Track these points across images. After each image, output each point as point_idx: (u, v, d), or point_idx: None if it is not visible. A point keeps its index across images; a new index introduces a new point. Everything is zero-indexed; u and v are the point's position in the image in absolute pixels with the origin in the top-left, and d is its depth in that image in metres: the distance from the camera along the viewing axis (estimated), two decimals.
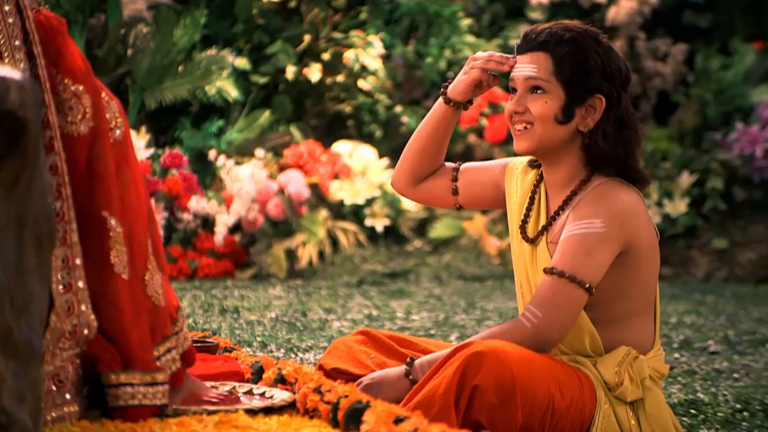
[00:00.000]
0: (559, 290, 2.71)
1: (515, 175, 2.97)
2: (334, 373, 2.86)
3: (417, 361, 2.79)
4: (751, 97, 8.54)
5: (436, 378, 2.63)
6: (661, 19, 8.94)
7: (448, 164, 3.05)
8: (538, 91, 2.78)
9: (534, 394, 2.63)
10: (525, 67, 2.80)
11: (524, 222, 2.91)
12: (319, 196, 7.87)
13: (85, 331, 2.45)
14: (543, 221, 2.87)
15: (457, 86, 2.92)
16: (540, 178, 2.92)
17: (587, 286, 2.71)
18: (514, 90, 2.84)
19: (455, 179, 3.01)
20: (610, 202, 2.75)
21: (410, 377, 2.77)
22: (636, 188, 2.83)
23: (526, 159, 2.98)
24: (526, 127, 2.81)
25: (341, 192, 7.92)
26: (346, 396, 2.49)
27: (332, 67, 8.46)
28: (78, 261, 2.46)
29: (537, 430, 2.66)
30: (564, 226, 2.79)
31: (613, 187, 2.79)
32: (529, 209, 2.91)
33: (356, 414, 2.41)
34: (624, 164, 2.82)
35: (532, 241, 2.87)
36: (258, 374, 2.89)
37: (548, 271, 2.73)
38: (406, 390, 2.73)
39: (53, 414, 2.41)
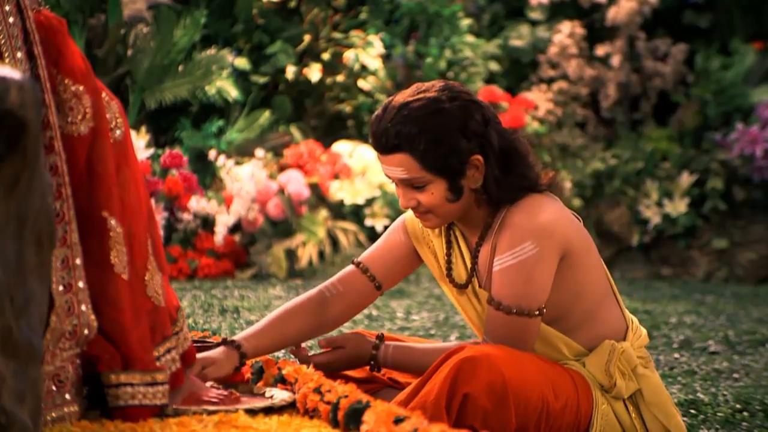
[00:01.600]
0: (512, 326, 2.73)
1: (418, 227, 2.94)
2: (331, 376, 2.86)
3: (386, 345, 2.84)
4: (751, 97, 8.54)
5: (428, 384, 2.63)
6: (661, 19, 8.94)
7: (348, 270, 2.96)
8: (419, 187, 2.75)
9: (527, 397, 2.63)
10: (394, 171, 2.74)
11: (449, 270, 2.90)
12: (319, 196, 7.87)
13: (86, 332, 2.45)
14: (468, 263, 2.86)
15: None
16: (450, 223, 2.90)
17: (536, 312, 2.72)
18: (394, 181, 2.80)
19: (372, 278, 2.95)
20: (530, 221, 2.72)
21: (372, 362, 2.86)
22: (550, 196, 2.80)
23: None
24: (428, 213, 2.79)
25: (341, 192, 7.92)
26: (346, 396, 2.49)
27: (332, 67, 8.46)
28: (78, 261, 2.46)
29: None
30: (487, 259, 2.79)
31: (524, 206, 2.75)
32: (449, 255, 2.90)
33: (356, 414, 2.41)
34: (527, 187, 2.77)
35: (465, 287, 2.87)
36: (258, 374, 2.89)
37: (494, 306, 2.73)
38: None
39: (53, 414, 2.41)
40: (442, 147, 2.70)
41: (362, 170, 8.05)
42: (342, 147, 8.19)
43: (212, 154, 7.77)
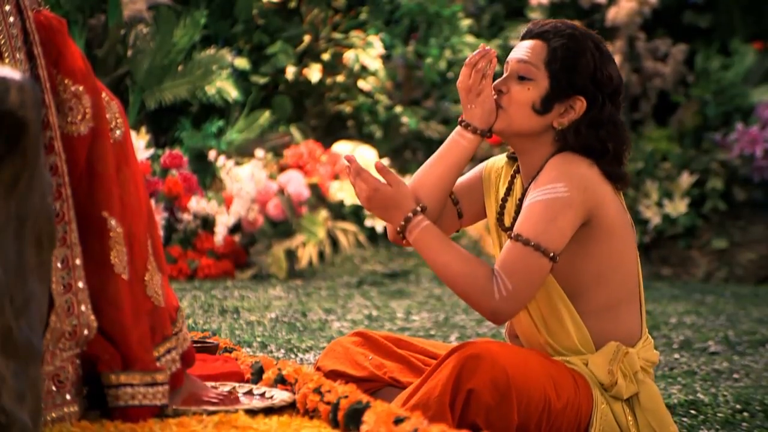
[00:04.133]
0: (523, 259, 2.68)
1: (493, 175, 2.96)
2: (331, 375, 2.86)
3: (420, 220, 2.77)
4: (751, 97, 8.54)
5: (431, 380, 2.63)
6: (661, 19, 8.94)
7: None
8: (525, 78, 2.79)
9: (530, 395, 2.63)
10: (520, 51, 2.81)
11: (501, 213, 2.91)
12: (319, 197, 7.87)
13: (85, 332, 2.45)
14: (516, 205, 2.87)
15: (476, 113, 2.85)
16: (517, 170, 2.92)
17: (551, 254, 2.69)
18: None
19: (456, 202, 2.97)
20: (570, 168, 2.73)
21: (402, 223, 2.77)
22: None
23: (501, 158, 2.98)
24: (504, 111, 2.80)
25: (341, 192, 7.92)
26: (346, 396, 2.49)
27: (332, 67, 8.46)
28: (78, 261, 2.46)
29: (533, 431, 2.66)
30: None
31: (574, 156, 2.77)
32: (504, 200, 2.91)
33: (356, 414, 2.42)
34: (599, 157, 2.78)
35: (509, 229, 2.87)
36: (258, 374, 2.89)
37: (514, 237, 2.71)
38: None
39: (53, 414, 2.41)
40: (572, 60, 2.76)
41: None
42: (342, 147, 8.20)
43: (212, 154, 7.77)
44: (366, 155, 8.13)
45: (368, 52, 8.40)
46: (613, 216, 2.76)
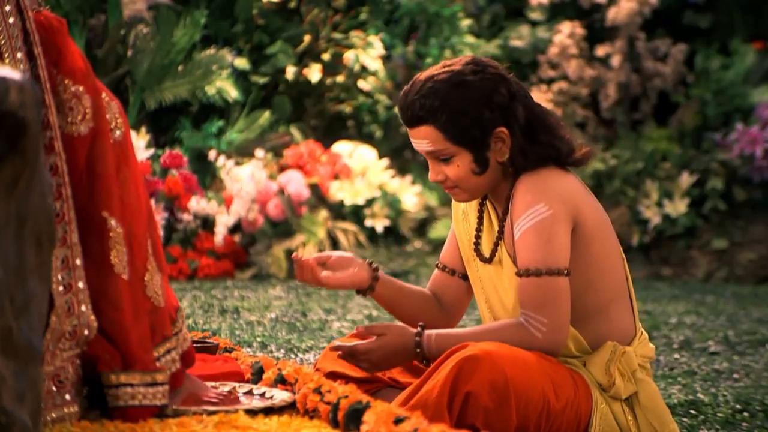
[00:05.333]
0: (543, 289, 2.70)
1: (460, 207, 2.96)
2: (330, 377, 2.86)
3: (429, 333, 2.77)
4: (751, 97, 8.54)
5: (429, 382, 2.63)
6: (661, 19, 8.94)
7: (436, 274, 3.03)
8: (445, 159, 2.79)
9: (529, 396, 2.63)
10: (420, 143, 2.79)
11: (477, 243, 2.90)
12: (319, 197, 7.87)
13: (86, 332, 2.45)
14: (495, 235, 2.87)
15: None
16: (484, 197, 2.92)
17: (565, 271, 2.71)
18: (423, 155, 2.85)
19: (453, 272, 3.00)
20: (542, 185, 2.74)
21: (418, 350, 2.77)
22: (569, 171, 2.82)
23: None
24: (455, 188, 2.82)
25: (341, 192, 7.92)
26: (346, 396, 2.49)
27: (332, 67, 8.46)
28: (78, 261, 2.46)
29: None
30: (511, 230, 2.79)
31: (538, 173, 2.77)
32: (479, 230, 2.91)
33: (356, 414, 2.41)
34: (557, 158, 2.79)
35: (490, 259, 2.87)
36: (258, 374, 2.89)
37: (524, 274, 2.72)
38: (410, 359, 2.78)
39: (53, 414, 2.41)
40: (464, 118, 2.74)
41: (362, 170, 8.05)
42: (342, 147, 8.20)
43: (212, 154, 7.77)
44: (366, 155, 8.13)
45: (368, 52, 8.40)
46: (593, 218, 2.77)
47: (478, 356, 2.60)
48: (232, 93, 7.93)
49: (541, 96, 8.69)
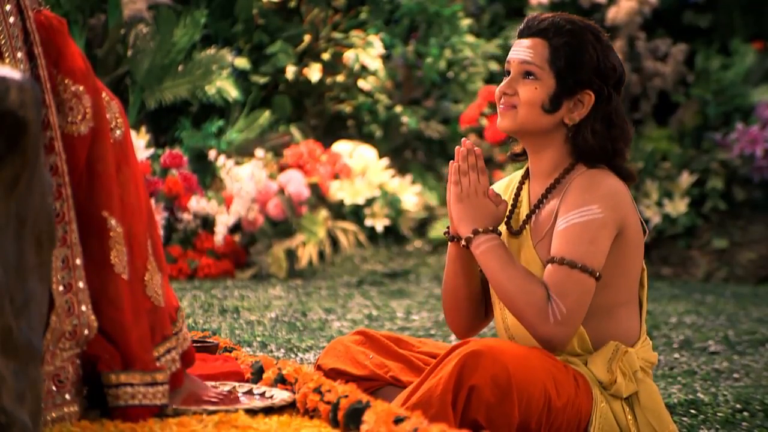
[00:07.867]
0: (573, 280, 2.70)
1: (501, 189, 2.98)
2: (332, 374, 2.86)
3: (488, 240, 2.78)
4: (751, 97, 8.54)
5: (432, 378, 2.63)
6: (661, 19, 8.94)
7: None
8: (530, 77, 2.81)
9: (531, 392, 2.63)
10: (522, 51, 2.82)
11: (510, 215, 2.91)
12: (319, 196, 7.87)
13: (86, 332, 2.45)
14: (527, 211, 2.88)
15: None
16: (526, 174, 2.93)
17: (597, 275, 2.72)
18: (508, 72, 2.86)
19: None
20: (600, 187, 2.76)
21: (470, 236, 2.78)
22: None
23: (505, 180, 3.00)
24: (513, 108, 2.82)
25: (341, 192, 7.92)
26: (346, 396, 2.49)
27: (332, 67, 8.46)
28: (78, 261, 2.46)
29: (534, 429, 2.66)
30: (551, 214, 2.80)
31: (600, 173, 2.80)
32: (514, 203, 2.92)
33: (356, 414, 2.42)
34: (611, 161, 2.83)
35: (518, 233, 2.87)
36: (258, 374, 2.89)
37: (558, 261, 2.72)
38: None
39: (53, 414, 2.41)
40: (576, 56, 2.77)
41: (362, 170, 8.05)
42: (342, 147, 8.20)
43: (212, 154, 7.77)
44: (366, 155, 8.13)
45: (368, 52, 8.40)
46: (634, 230, 2.79)
47: (481, 351, 2.61)
48: (232, 93, 7.93)
49: None
